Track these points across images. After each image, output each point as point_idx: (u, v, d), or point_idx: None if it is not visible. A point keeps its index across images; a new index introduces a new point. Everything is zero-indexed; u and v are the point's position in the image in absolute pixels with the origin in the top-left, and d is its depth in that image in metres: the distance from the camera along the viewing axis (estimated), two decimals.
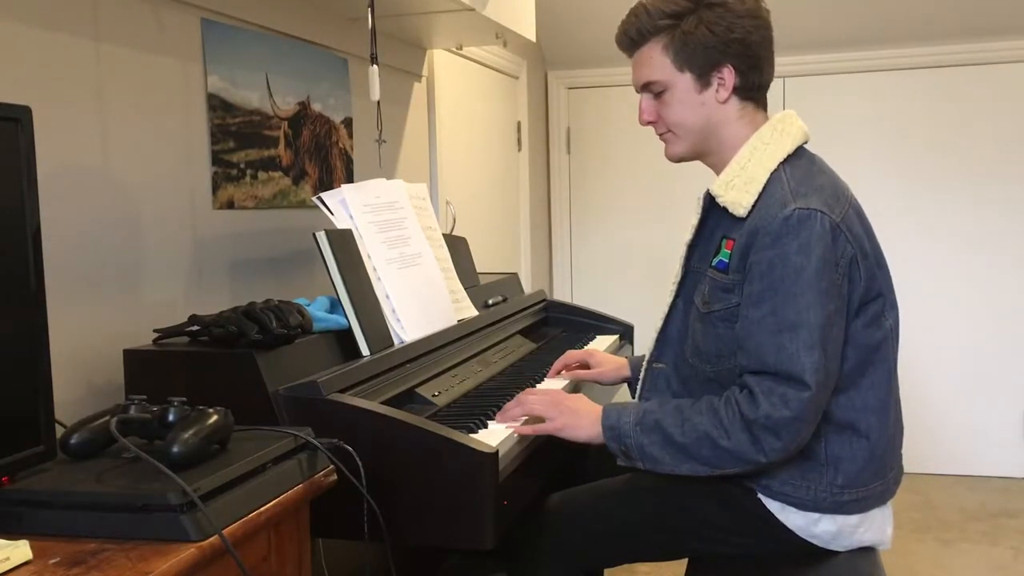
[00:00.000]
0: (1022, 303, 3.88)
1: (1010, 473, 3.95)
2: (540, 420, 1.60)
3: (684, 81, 1.58)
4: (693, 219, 1.63)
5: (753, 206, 1.51)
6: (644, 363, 1.73)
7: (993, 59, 3.80)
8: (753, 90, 1.59)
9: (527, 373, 2.01)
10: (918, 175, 3.93)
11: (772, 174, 1.53)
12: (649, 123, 1.65)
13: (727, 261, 1.53)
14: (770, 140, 1.57)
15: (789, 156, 1.56)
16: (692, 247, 1.64)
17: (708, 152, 1.63)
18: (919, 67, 3.88)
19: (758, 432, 1.44)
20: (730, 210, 1.53)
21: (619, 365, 1.99)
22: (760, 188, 1.52)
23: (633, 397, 1.86)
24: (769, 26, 1.59)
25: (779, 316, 1.44)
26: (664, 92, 1.60)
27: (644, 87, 1.63)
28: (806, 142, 1.61)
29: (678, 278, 1.66)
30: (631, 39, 1.62)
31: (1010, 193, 3.85)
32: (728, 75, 1.56)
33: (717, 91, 1.57)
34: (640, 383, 1.73)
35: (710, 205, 1.60)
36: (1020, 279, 3.88)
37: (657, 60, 1.59)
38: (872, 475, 1.54)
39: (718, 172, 1.62)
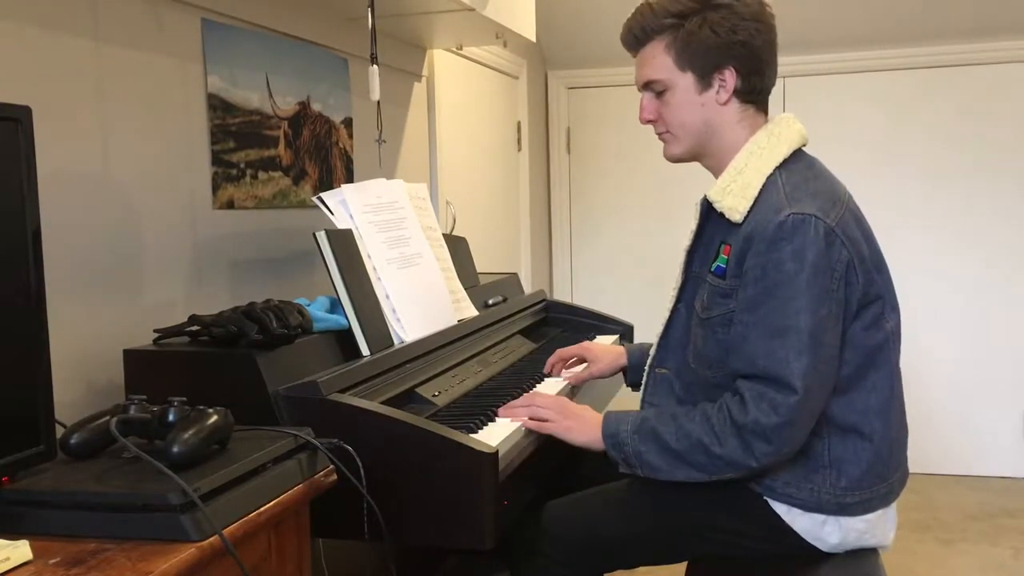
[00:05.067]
0: (1022, 303, 3.88)
1: (1010, 473, 3.95)
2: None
3: (685, 81, 1.58)
4: (692, 225, 1.63)
5: (749, 211, 1.51)
6: (647, 367, 1.73)
7: (993, 59, 3.79)
8: (754, 93, 1.59)
9: (527, 373, 2.01)
10: (917, 175, 3.92)
11: (768, 179, 1.53)
12: (649, 122, 1.65)
13: (725, 266, 1.54)
14: (766, 145, 1.56)
15: (785, 160, 1.55)
16: (691, 252, 1.64)
17: (706, 154, 1.63)
18: (919, 67, 3.88)
19: (748, 438, 1.45)
20: (727, 216, 1.53)
21: (616, 355, 1.99)
22: (756, 193, 1.52)
23: (635, 390, 1.85)
24: (773, 30, 1.59)
25: (770, 321, 1.45)
26: (665, 92, 1.60)
27: (646, 86, 1.63)
28: (804, 145, 1.61)
29: (679, 283, 1.66)
30: (635, 37, 1.62)
31: (1010, 194, 3.84)
32: (729, 77, 1.56)
33: (718, 92, 1.57)
34: (643, 388, 1.73)
35: (708, 211, 1.59)
36: (1020, 279, 3.88)
37: (659, 59, 1.59)
38: (875, 477, 1.54)
39: (716, 174, 1.62)
